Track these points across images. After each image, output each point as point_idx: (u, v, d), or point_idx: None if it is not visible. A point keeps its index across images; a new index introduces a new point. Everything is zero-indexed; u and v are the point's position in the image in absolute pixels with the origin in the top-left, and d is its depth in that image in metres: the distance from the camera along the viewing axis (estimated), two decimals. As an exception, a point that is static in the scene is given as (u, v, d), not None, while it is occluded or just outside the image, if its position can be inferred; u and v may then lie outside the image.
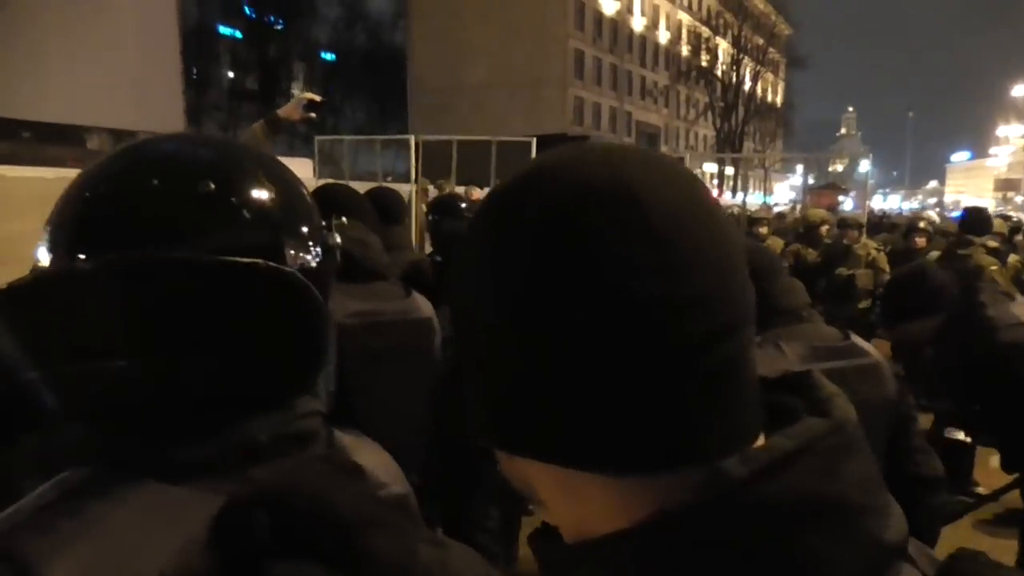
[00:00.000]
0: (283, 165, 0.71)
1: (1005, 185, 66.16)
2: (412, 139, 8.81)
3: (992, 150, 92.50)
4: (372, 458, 0.69)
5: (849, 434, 0.45)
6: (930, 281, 2.63)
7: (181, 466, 0.56)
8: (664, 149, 51.18)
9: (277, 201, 0.64)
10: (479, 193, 9.88)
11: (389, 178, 13.45)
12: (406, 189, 9.57)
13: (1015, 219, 10.03)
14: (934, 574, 0.46)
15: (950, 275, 2.88)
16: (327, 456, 0.63)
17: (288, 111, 2.40)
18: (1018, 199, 58.09)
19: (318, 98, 2.46)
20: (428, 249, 4.01)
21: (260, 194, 0.63)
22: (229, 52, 50.46)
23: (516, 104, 43.35)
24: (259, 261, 0.58)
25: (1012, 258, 5.94)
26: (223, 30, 50.08)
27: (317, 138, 10.72)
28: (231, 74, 50.50)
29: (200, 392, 0.58)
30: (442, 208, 3.35)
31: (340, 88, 54.12)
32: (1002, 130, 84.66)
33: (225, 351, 0.58)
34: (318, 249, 0.66)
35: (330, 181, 2.33)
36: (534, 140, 8.81)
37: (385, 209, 2.71)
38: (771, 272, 1.75)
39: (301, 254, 0.63)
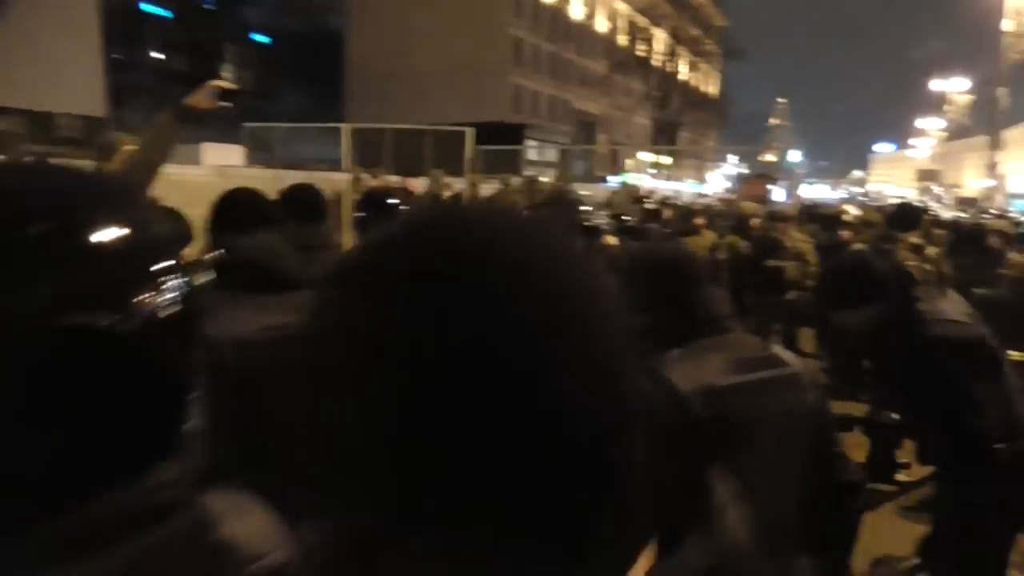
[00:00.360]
0: (135, 198, 0.63)
1: (926, 176, 68.79)
2: (344, 127, 8.61)
3: (912, 141, 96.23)
4: (247, 525, 0.63)
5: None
6: (871, 271, 2.69)
7: (14, 560, 0.49)
8: (601, 137, 51.59)
9: (120, 243, 0.56)
10: (417, 184, 9.77)
11: (323, 166, 13.17)
12: (340, 178, 9.39)
13: (933, 213, 10.42)
14: None
15: (888, 266, 2.97)
16: (188, 532, 0.57)
17: (198, 100, 2.25)
18: (937, 189, 60.60)
19: (232, 86, 2.32)
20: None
21: (100, 236, 0.55)
22: (158, 33, 48.62)
23: (457, 91, 43.05)
24: (88, 322, 0.51)
25: (930, 250, 6.15)
26: (151, 9, 48.22)
27: (245, 125, 10.39)
28: (160, 55, 48.71)
29: (29, 476, 0.51)
30: (370, 204, 3.24)
31: (276, 72, 52.77)
32: (921, 122, 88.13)
33: (51, 425, 0.51)
34: (172, 291, 0.58)
35: (236, 187, 2.18)
36: (468, 130, 8.71)
37: (304, 207, 2.61)
38: (695, 282, 1.73)
39: (149, 299, 0.56)
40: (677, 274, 1.73)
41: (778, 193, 29.87)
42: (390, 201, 3.25)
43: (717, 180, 52.76)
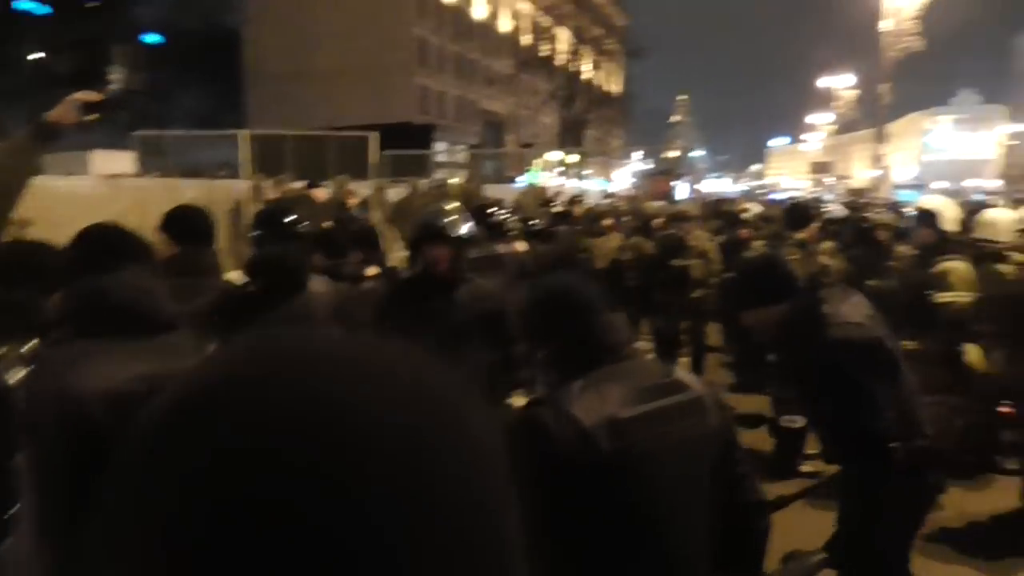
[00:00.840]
0: None
1: (818, 168, 72.48)
2: (242, 134, 8.26)
3: (805, 135, 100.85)
4: None
5: None
6: (778, 270, 2.74)
7: None
8: (509, 137, 51.78)
9: None
10: (320, 193, 9.47)
11: (222, 173, 12.65)
12: (240, 186, 9.03)
13: (827, 209, 10.88)
14: None
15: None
16: None
17: (59, 114, 2.05)
18: (828, 180, 63.80)
19: (96, 96, 2.13)
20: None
21: None
22: (36, 31, 45.69)
23: (361, 93, 42.31)
24: None
25: (824, 245, 6.39)
26: (26, 6, 45.27)
27: (135, 134, 9.85)
28: (40, 55, 45.80)
29: None
30: (266, 222, 3.05)
31: (169, 74, 50.46)
32: (812, 117, 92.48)
33: None
34: None
35: (96, 223, 1.99)
36: (372, 135, 8.51)
37: (187, 230, 2.44)
38: (592, 310, 1.70)
39: None
40: (572, 306, 1.70)
41: (682, 188, 30.79)
42: (287, 219, 3.07)
43: (623, 177, 53.90)
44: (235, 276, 2.64)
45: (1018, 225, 4.50)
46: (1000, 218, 4.94)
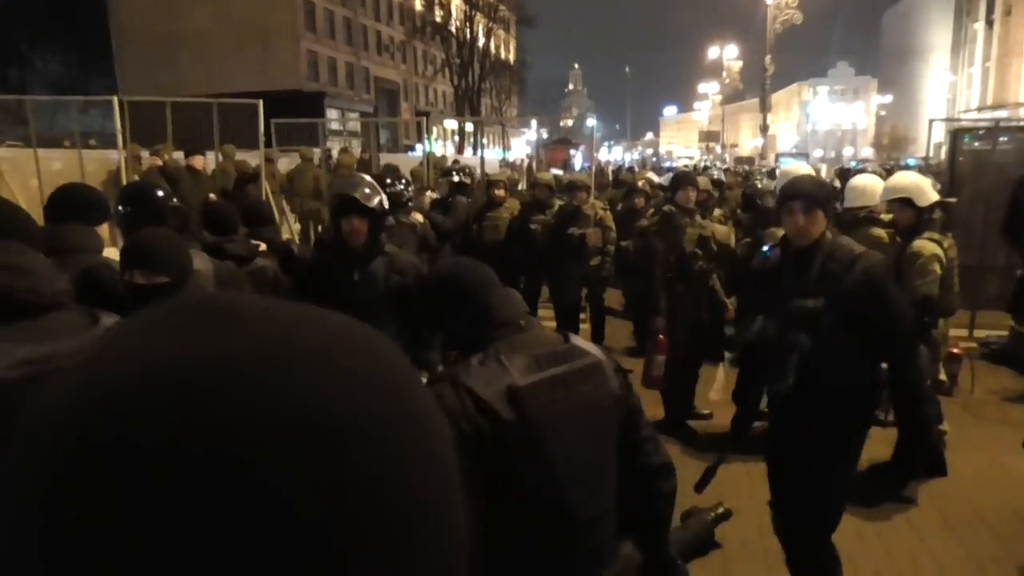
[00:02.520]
0: None
1: (707, 137, 74.74)
2: (115, 100, 7.67)
3: (696, 105, 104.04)
4: None
5: None
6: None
7: None
8: (404, 105, 50.87)
9: None
10: (201, 162, 8.99)
11: (92, 142, 11.81)
12: (115, 157, 8.43)
13: (716, 174, 11.21)
14: None
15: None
16: None
17: None
18: (718, 149, 66.12)
19: None
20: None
21: None
22: None
23: (244, 58, 40.36)
24: None
25: (716, 212, 6.58)
26: None
27: (-10, 99, 9.00)
28: None
29: None
30: (132, 198, 2.78)
31: (25, 35, 46.40)
32: (703, 87, 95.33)
33: None
34: None
35: None
36: (258, 102, 8.09)
37: (63, 207, 2.23)
38: (485, 286, 1.74)
39: None
40: (461, 290, 1.73)
41: (579, 157, 31.16)
42: (159, 194, 2.83)
43: (520, 147, 54.02)
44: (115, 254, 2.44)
45: (892, 194, 4.72)
46: (868, 184, 5.18)
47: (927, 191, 4.67)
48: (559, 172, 14.05)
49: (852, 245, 2.88)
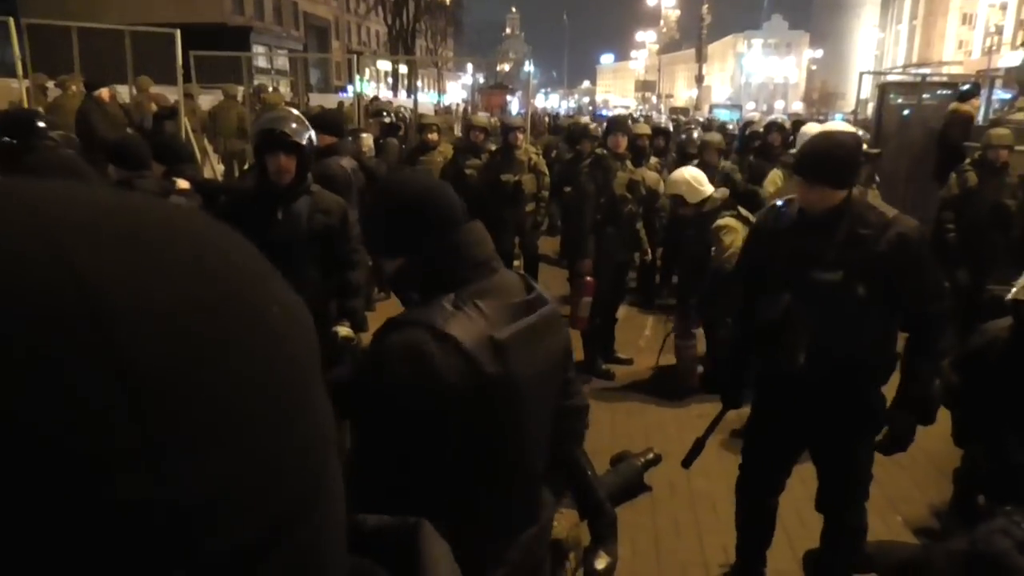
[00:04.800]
0: None
1: (644, 86, 74.79)
2: (12, 21, 7.05)
3: (633, 54, 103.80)
4: None
5: None
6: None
7: None
8: (336, 44, 49.12)
9: None
10: (107, 93, 8.37)
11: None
12: (14, 87, 7.82)
13: (662, 122, 11.21)
14: None
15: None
16: None
17: None
18: (653, 98, 66.27)
19: None
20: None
21: None
22: None
23: (164, -13, 38.04)
24: None
25: (652, 162, 6.54)
26: None
27: None
28: None
29: None
30: (14, 127, 2.49)
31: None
32: (640, 35, 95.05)
33: None
34: None
35: None
36: (175, 31, 7.59)
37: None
38: (457, 220, 1.50)
39: None
40: (436, 214, 1.48)
41: (515, 103, 30.77)
42: (40, 123, 2.55)
43: (456, 91, 53.04)
44: None
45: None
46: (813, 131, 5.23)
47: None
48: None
49: (883, 207, 2.63)
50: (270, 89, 13.45)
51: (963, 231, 5.82)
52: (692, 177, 4.86)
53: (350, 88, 29.65)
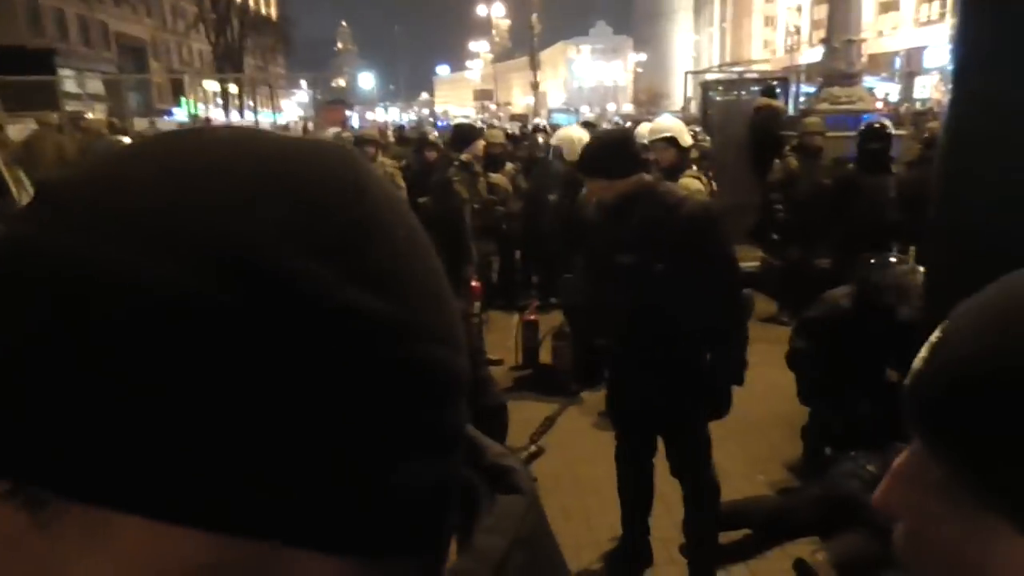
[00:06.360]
0: None
1: (481, 95, 75.88)
2: None
3: (468, 64, 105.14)
4: None
5: (540, 510, 0.38)
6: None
7: None
8: (155, 65, 46.42)
9: None
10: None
11: None
12: None
13: (510, 130, 11.50)
14: None
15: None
16: None
17: None
18: (492, 107, 67.38)
19: None
20: None
21: None
22: None
23: (-53, 9, 34.43)
24: None
25: (509, 167, 6.69)
26: None
27: None
28: None
29: None
30: None
31: None
32: (474, 45, 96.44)
33: None
34: None
35: None
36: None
37: None
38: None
39: None
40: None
41: (355, 118, 30.32)
42: None
43: (292, 108, 51.52)
44: None
45: (657, 135, 5.08)
46: (646, 129, 5.54)
47: (687, 133, 5.13)
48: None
49: (674, 189, 2.88)
50: (88, 115, 12.49)
51: (790, 211, 6.37)
52: (578, 138, 5.00)
53: (175, 111, 28.03)
